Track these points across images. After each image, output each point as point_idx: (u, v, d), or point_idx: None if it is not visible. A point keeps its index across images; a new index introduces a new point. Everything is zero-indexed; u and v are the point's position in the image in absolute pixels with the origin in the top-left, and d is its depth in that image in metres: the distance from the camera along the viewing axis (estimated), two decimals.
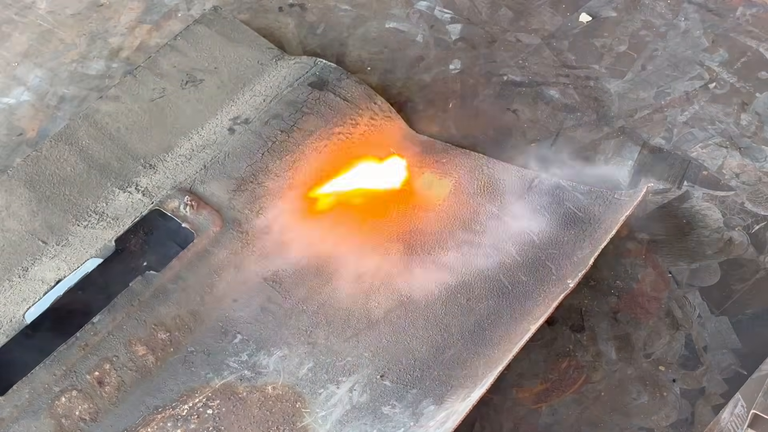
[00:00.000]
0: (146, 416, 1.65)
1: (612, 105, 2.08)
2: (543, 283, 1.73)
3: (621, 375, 1.71)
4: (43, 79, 2.19)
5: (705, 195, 1.92)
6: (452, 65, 2.17)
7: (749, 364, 1.70)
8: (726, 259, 1.84)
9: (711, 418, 1.64)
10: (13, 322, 1.72)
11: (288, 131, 1.97)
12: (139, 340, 1.71)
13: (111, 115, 2.00)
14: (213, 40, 2.14)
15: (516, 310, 1.70)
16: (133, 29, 2.28)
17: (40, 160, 1.91)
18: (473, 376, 1.61)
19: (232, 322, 1.75)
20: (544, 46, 2.19)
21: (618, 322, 1.77)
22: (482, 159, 1.95)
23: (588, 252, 1.71)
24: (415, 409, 1.61)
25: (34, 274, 1.78)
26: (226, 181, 1.90)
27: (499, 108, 2.09)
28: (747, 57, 2.13)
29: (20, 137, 2.09)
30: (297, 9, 2.30)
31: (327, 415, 1.63)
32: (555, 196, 1.86)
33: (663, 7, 2.24)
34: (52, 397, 1.64)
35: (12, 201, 1.87)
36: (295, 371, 1.69)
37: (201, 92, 2.05)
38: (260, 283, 1.80)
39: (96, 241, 1.81)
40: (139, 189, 1.89)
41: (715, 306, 1.78)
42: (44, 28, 2.29)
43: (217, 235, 1.82)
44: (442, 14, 2.27)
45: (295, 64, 2.10)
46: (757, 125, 2.02)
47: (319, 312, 1.76)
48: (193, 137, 1.98)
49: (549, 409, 1.68)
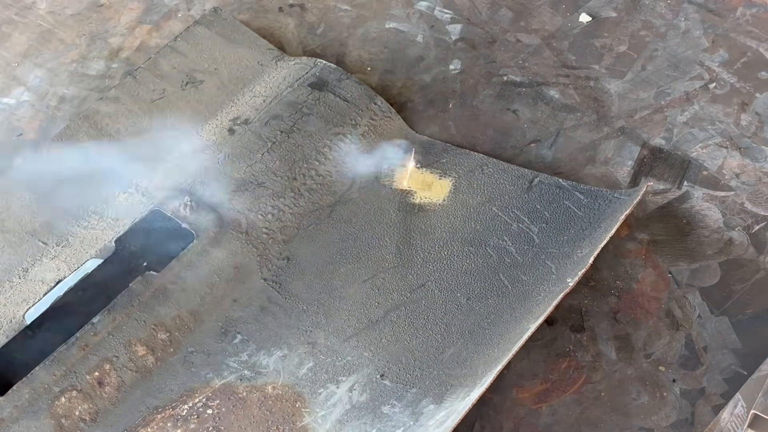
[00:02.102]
0: (146, 416, 1.65)
1: (612, 105, 2.08)
2: (543, 283, 1.73)
3: (621, 375, 1.71)
4: (43, 80, 2.19)
5: (705, 195, 1.92)
6: (452, 65, 2.17)
7: (749, 364, 1.70)
8: (726, 259, 1.84)
9: (711, 418, 1.64)
10: (13, 323, 1.72)
11: (288, 132, 1.97)
12: (139, 341, 1.71)
13: (111, 116, 2.00)
14: (213, 41, 2.14)
15: (516, 310, 1.70)
16: (133, 29, 2.28)
17: (40, 160, 1.92)
18: (473, 376, 1.61)
19: (232, 322, 1.75)
20: (544, 47, 2.19)
21: (618, 322, 1.77)
22: (482, 159, 1.95)
23: (588, 251, 1.71)
24: (415, 409, 1.61)
25: (34, 274, 1.78)
26: (226, 182, 1.90)
27: (499, 108, 2.09)
28: (747, 57, 2.13)
29: (20, 137, 2.09)
30: (297, 9, 2.30)
31: (327, 414, 1.63)
32: (555, 196, 1.86)
33: (663, 8, 2.24)
34: (52, 398, 1.64)
35: (12, 202, 1.87)
36: (295, 371, 1.69)
37: (201, 93, 2.06)
38: (260, 283, 1.80)
39: (96, 242, 1.81)
40: (139, 189, 1.89)
41: (715, 306, 1.78)
42: (44, 29, 2.30)
43: (217, 235, 1.82)
44: (442, 14, 2.27)
45: (294, 65, 2.10)
46: (757, 125, 2.02)
47: (319, 312, 1.76)
48: (193, 138, 1.98)
49: (549, 409, 1.68)
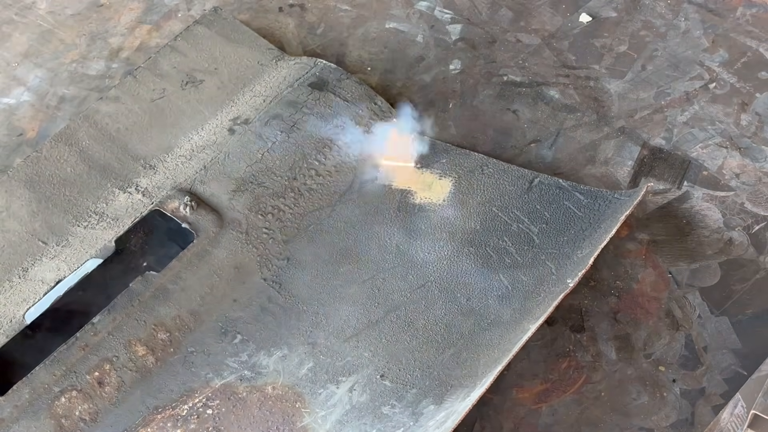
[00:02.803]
0: (146, 416, 1.65)
1: (612, 105, 2.07)
2: (543, 283, 1.73)
3: (621, 375, 1.71)
4: (43, 80, 2.19)
5: (705, 195, 1.92)
6: (452, 65, 2.17)
7: (749, 364, 1.70)
8: (726, 259, 1.84)
9: (711, 419, 1.64)
10: (13, 323, 1.72)
11: (288, 132, 1.97)
12: (139, 340, 1.71)
13: (111, 116, 2.00)
14: (213, 40, 2.14)
15: (516, 311, 1.71)
16: (133, 29, 2.28)
17: (40, 160, 1.92)
18: (473, 376, 1.61)
19: (232, 322, 1.75)
20: (544, 47, 2.19)
21: (618, 322, 1.77)
22: (482, 159, 1.95)
23: (588, 252, 1.71)
24: (415, 409, 1.61)
25: (34, 274, 1.78)
26: (226, 182, 1.90)
27: (499, 108, 2.09)
28: (747, 57, 2.13)
29: (20, 137, 2.09)
30: (297, 9, 2.30)
31: (327, 415, 1.63)
32: (555, 196, 1.86)
33: (663, 8, 2.24)
34: (52, 398, 1.64)
35: (12, 201, 1.87)
36: (295, 371, 1.69)
37: (201, 93, 2.05)
38: (260, 283, 1.80)
39: (96, 242, 1.81)
40: (139, 189, 1.89)
41: (715, 306, 1.78)
42: (44, 29, 2.30)
43: (217, 235, 1.82)
44: (442, 14, 2.27)
45: (295, 65, 2.10)
46: (757, 125, 2.02)
47: (319, 312, 1.76)
48: (193, 138, 1.98)
49: (549, 409, 1.68)
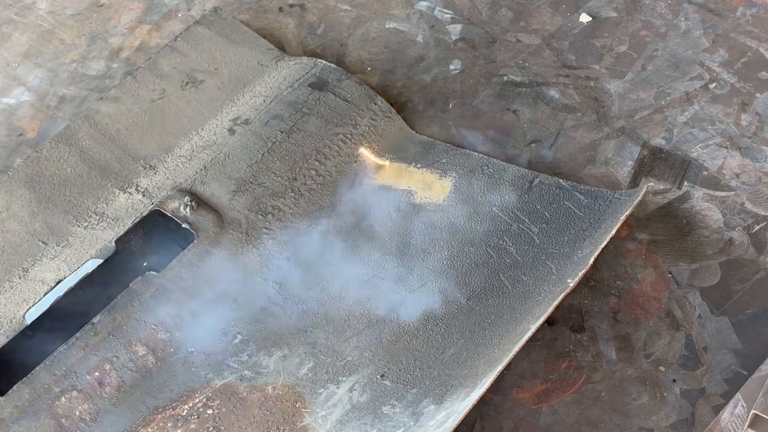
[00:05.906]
0: (146, 416, 1.65)
1: (612, 105, 2.08)
2: (543, 283, 1.73)
3: (621, 375, 1.71)
4: (43, 80, 2.19)
5: (705, 195, 1.92)
6: (452, 65, 2.17)
7: (749, 364, 1.70)
8: (726, 259, 1.84)
9: (711, 419, 1.64)
10: (13, 323, 1.72)
11: (288, 132, 1.97)
12: (139, 340, 1.71)
13: (111, 116, 2.00)
14: (213, 41, 2.14)
15: (516, 310, 1.70)
16: (133, 29, 2.28)
17: (40, 160, 1.92)
18: (473, 376, 1.61)
19: (232, 322, 1.75)
20: (544, 47, 2.19)
21: (618, 322, 1.77)
22: (482, 159, 1.95)
23: (588, 252, 1.71)
24: (415, 409, 1.61)
25: (34, 274, 1.78)
26: (226, 182, 1.90)
27: (499, 108, 2.09)
28: (747, 57, 2.13)
29: (20, 137, 2.09)
30: (297, 9, 2.30)
31: (327, 414, 1.63)
32: (555, 196, 1.86)
33: (663, 8, 2.24)
34: (52, 398, 1.64)
35: (12, 202, 1.87)
36: (295, 371, 1.69)
37: (201, 93, 2.06)
38: (260, 283, 1.80)
39: (96, 242, 1.81)
40: (139, 190, 1.89)
41: (715, 306, 1.78)
42: (44, 29, 2.30)
43: (217, 235, 1.82)
44: (442, 14, 2.27)
45: (295, 65, 2.10)
46: (757, 125, 2.02)
47: (319, 312, 1.76)
48: (193, 138, 1.98)
49: (549, 409, 1.68)
